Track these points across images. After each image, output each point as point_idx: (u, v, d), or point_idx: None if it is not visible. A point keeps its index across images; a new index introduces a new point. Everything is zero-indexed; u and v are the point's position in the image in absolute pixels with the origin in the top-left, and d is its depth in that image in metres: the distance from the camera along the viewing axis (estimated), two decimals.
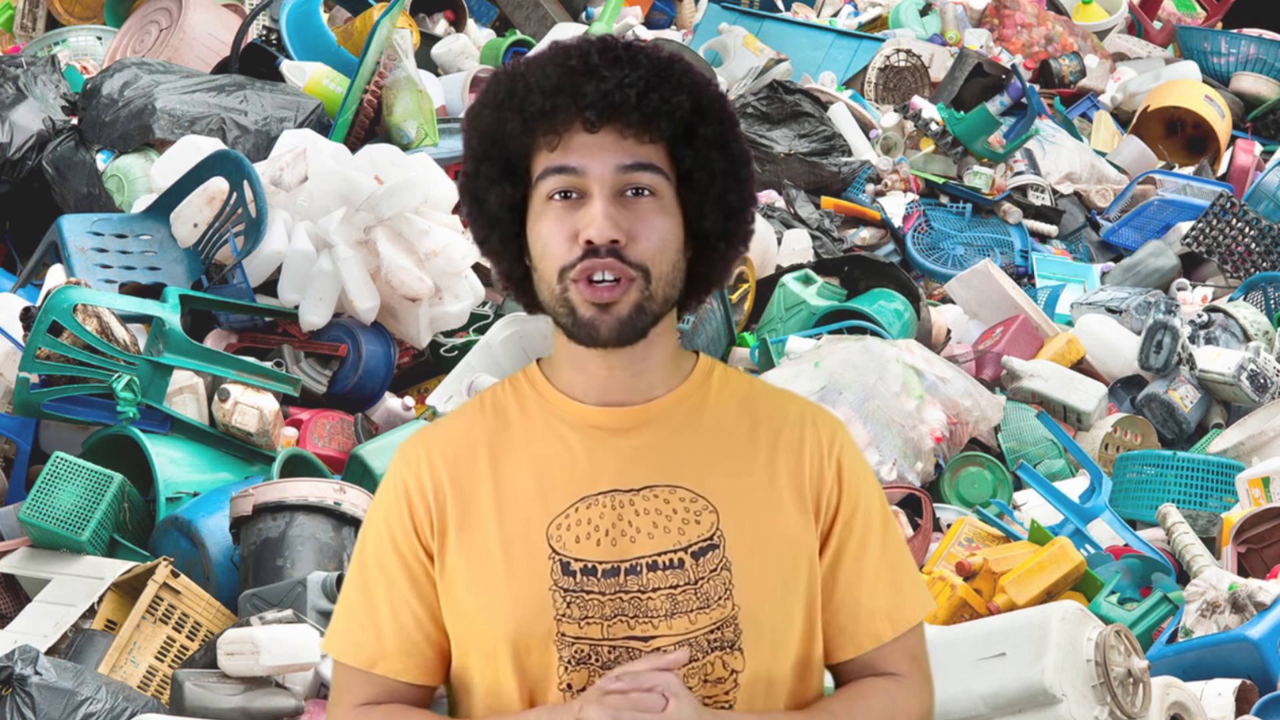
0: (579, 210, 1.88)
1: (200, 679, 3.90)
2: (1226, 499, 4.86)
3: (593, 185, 1.87)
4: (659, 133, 1.88)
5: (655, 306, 1.90)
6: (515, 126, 1.89)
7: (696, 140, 1.90)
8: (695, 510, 1.92)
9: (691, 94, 1.90)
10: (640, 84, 1.87)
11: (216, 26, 7.28)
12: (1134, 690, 3.56)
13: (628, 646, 1.89)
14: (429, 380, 5.75)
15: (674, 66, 1.90)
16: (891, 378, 5.07)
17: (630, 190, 1.88)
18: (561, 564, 1.89)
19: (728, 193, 1.92)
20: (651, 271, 1.88)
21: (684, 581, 1.90)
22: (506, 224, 1.94)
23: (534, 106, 1.88)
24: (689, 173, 1.91)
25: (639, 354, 1.94)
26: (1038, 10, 8.46)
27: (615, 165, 1.87)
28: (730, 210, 1.93)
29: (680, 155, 1.90)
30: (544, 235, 1.89)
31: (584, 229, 1.86)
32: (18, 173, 6.17)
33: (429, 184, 5.45)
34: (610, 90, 1.86)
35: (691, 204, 1.92)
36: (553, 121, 1.87)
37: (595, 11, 8.08)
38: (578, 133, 1.88)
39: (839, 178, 6.93)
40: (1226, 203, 6.55)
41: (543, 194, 1.89)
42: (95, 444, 4.92)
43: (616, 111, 1.86)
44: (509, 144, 1.90)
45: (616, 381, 1.94)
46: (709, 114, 1.91)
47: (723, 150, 1.92)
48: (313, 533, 4.43)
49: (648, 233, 1.88)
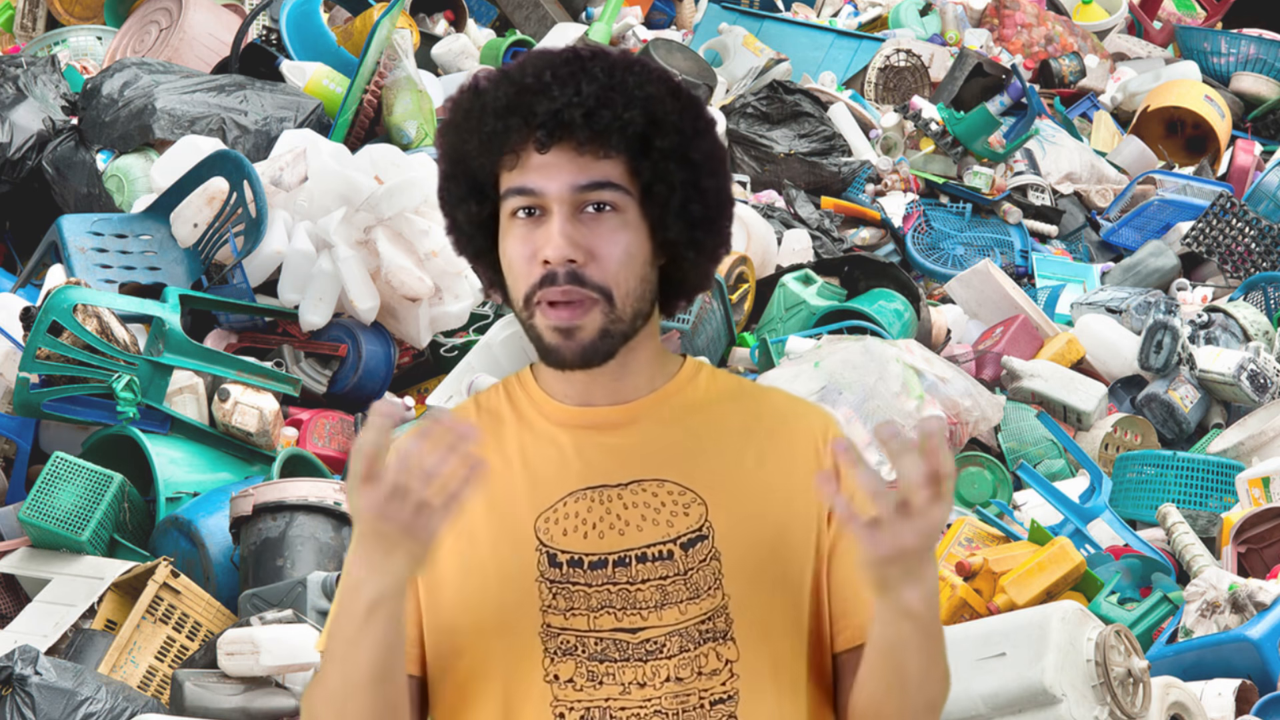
0: (540, 229, 1.88)
1: (200, 679, 3.90)
2: (1226, 499, 4.86)
3: (551, 204, 1.87)
4: (612, 148, 1.87)
5: (623, 327, 1.89)
6: (474, 147, 1.90)
7: (653, 153, 1.89)
8: (684, 503, 1.92)
9: (645, 107, 1.88)
10: (591, 101, 1.86)
11: (216, 26, 7.28)
12: (1134, 690, 3.56)
13: (615, 639, 1.89)
14: (429, 380, 5.74)
15: (630, 78, 1.88)
16: (891, 378, 5.07)
17: (591, 206, 1.88)
18: (548, 556, 1.90)
19: (689, 203, 1.90)
20: (614, 293, 1.88)
21: (673, 573, 1.90)
22: (478, 239, 1.94)
23: (488, 128, 1.88)
24: (649, 185, 1.89)
25: (619, 360, 1.93)
26: (1038, 10, 8.45)
27: (571, 185, 1.87)
28: (694, 220, 1.91)
29: (639, 168, 1.89)
30: (509, 255, 1.90)
31: (541, 248, 1.87)
32: (18, 173, 6.17)
33: (429, 184, 5.44)
34: (559, 109, 1.85)
35: (654, 216, 1.90)
36: (507, 142, 1.88)
37: (595, 11, 8.07)
38: (532, 152, 1.88)
39: (839, 178, 6.92)
40: (1226, 203, 6.55)
41: (508, 211, 1.90)
42: (95, 444, 4.92)
43: (566, 130, 1.86)
44: (471, 163, 1.91)
45: (599, 385, 1.94)
46: (664, 126, 1.88)
47: (681, 161, 1.90)
48: (313, 533, 4.43)
49: (609, 249, 1.87)
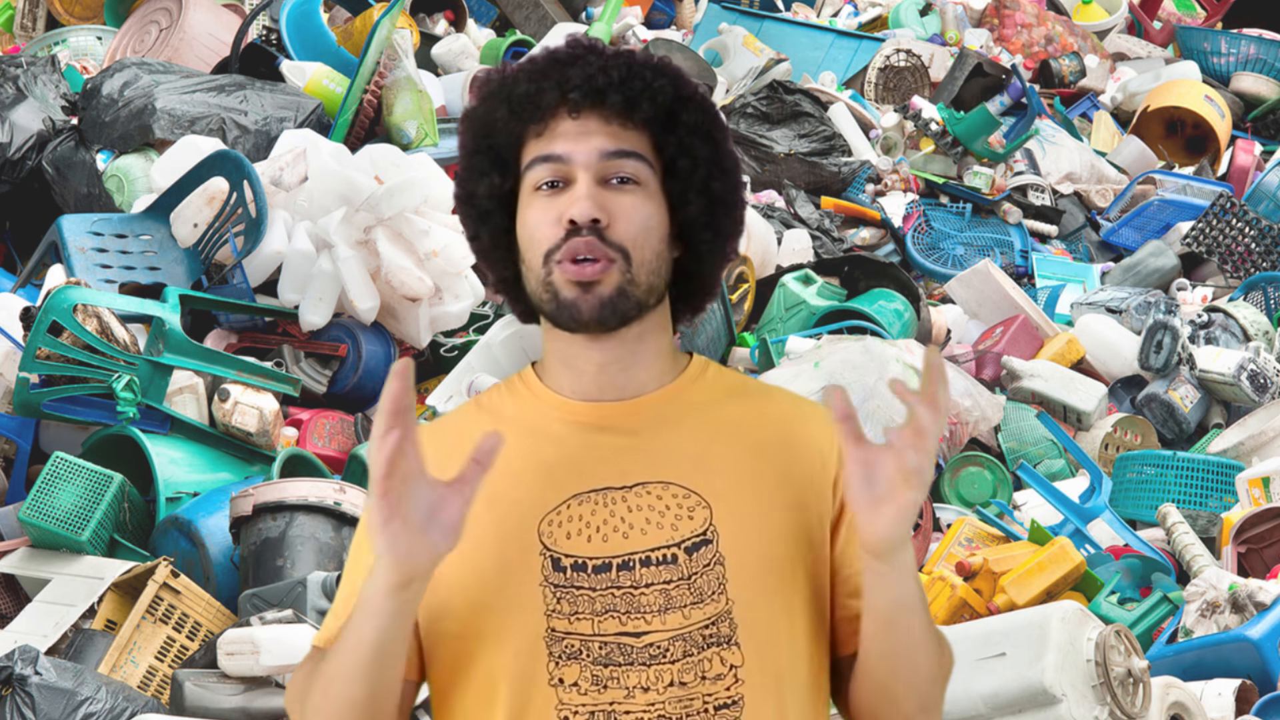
0: (564, 196, 1.91)
1: (200, 679, 3.90)
2: (1226, 499, 4.86)
3: (578, 171, 1.90)
4: (642, 116, 1.91)
5: (638, 292, 1.91)
6: (503, 114, 1.93)
7: (680, 127, 1.93)
8: (688, 506, 1.91)
9: (674, 81, 1.94)
10: (623, 69, 1.91)
11: (216, 26, 7.28)
12: (1134, 690, 3.56)
13: (620, 643, 1.89)
14: (429, 380, 5.74)
15: (656, 60, 1.95)
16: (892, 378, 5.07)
17: (615, 178, 1.91)
18: (552, 560, 1.89)
19: (711, 180, 1.94)
20: (632, 255, 1.90)
21: (677, 577, 1.90)
22: (496, 218, 1.95)
23: (519, 91, 1.92)
24: (672, 160, 1.93)
25: (629, 347, 1.94)
26: (1038, 10, 8.46)
27: (599, 152, 1.90)
28: (715, 198, 1.94)
29: (664, 143, 1.93)
30: (530, 223, 1.92)
31: (567, 210, 1.89)
32: (18, 173, 6.17)
33: (429, 184, 5.45)
34: (593, 74, 1.90)
35: (676, 192, 1.93)
36: (538, 106, 1.91)
37: (595, 11, 8.07)
38: (563, 119, 1.91)
39: (839, 178, 6.92)
40: (1226, 203, 6.55)
41: (530, 184, 1.92)
42: (95, 444, 4.92)
43: (600, 95, 1.90)
44: (498, 134, 1.94)
45: (607, 377, 1.94)
46: (691, 101, 1.94)
47: (705, 138, 1.94)
48: (313, 533, 4.43)
49: (631, 215, 1.90)
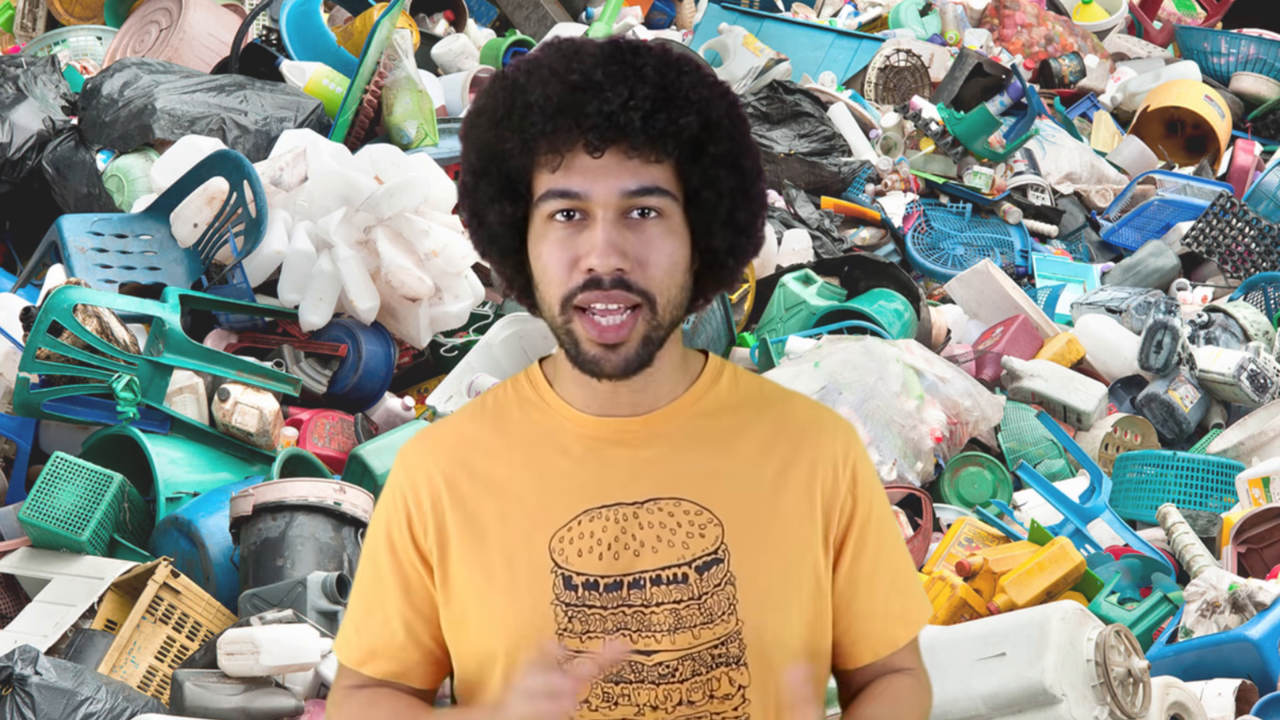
0: (581, 234, 1.81)
1: (200, 679, 3.90)
2: (1226, 499, 4.85)
3: (596, 209, 1.81)
4: (665, 153, 1.82)
5: (662, 334, 1.85)
6: (515, 145, 1.83)
7: (705, 159, 1.83)
8: (700, 524, 1.88)
9: (700, 111, 1.82)
10: (646, 105, 1.79)
11: (216, 26, 7.28)
12: (1134, 690, 3.55)
13: (630, 661, 1.87)
14: (429, 380, 5.74)
15: (683, 80, 1.82)
16: (891, 378, 5.06)
17: (636, 212, 1.82)
18: (563, 578, 1.87)
19: (736, 210, 1.86)
20: (658, 300, 1.82)
21: (688, 596, 1.87)
22: (506, 240, 1.88)
23: (534, 128, 1.81)
24: (697, 191, 1.84)
25: (644, 372, 1.88)
26: (1038, 10, 8.45)
27: (620, 190, 1.80)
28: (739, 228, 1.87)
29: (688, 173, 1.83)
30: (545, 258, 1.83)
31: (586, 256, 1.80)
32: (18, 173, 6.17)
33: (429, 184, 5.44)
34: (614, 112, 1.78)
35: (699, 223, 1.85)
36: (554, 143, 1.80)
37: (595, 11, 8.07)
38: (580, 154, 1.81)
39: (839, 178, 6.92)
40: (1226, 203, 6.55)
41: (544, 214, 1.83)
42: (95, 444, 4.92)
43: (621, 133, 1.79)
44: (508, 162, 1.84)
45: (623, 394, 1.90)
46: (718, 132, 1.83)
47: (732, 168, 1.85)
48: (313, 533, 4.43)
49: (656, 258, 1.82)
